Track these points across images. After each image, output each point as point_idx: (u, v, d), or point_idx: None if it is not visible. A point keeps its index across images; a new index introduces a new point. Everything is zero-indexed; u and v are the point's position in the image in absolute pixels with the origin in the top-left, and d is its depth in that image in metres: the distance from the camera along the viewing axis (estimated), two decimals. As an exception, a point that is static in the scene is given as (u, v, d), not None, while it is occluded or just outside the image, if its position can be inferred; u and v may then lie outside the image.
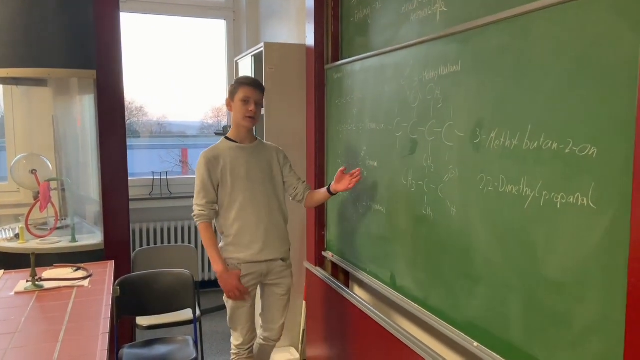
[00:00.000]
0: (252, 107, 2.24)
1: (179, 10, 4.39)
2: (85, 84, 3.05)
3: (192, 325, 2.69)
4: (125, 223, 2.97)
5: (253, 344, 2.44)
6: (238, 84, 2.28)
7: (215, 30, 4.63)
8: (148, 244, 4.15)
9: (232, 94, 2.29)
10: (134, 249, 3.43)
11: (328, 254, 2.76)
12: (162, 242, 4.21)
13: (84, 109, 3.28)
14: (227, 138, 2.35)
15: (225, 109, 4.42)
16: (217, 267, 2.26)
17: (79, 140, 3.42)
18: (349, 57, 2.49)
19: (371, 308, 2.31)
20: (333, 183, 2.33)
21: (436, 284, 1.83)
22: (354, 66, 2.41)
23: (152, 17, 4.38)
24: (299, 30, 3.27)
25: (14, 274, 2.34)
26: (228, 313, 2.36)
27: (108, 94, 2.86)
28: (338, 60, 2.63)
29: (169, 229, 4.26)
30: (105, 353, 1.57)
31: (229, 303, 2.34)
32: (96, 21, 2.80)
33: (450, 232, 1.72)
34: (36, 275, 2.16)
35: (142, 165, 4.72)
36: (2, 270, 2.36)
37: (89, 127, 3.25)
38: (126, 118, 3.05)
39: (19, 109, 3.82)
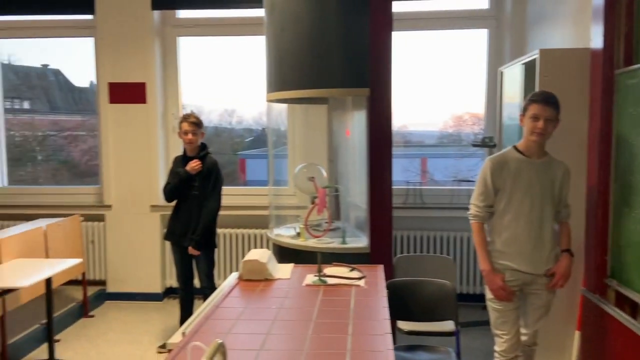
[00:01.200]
0: (540, 124, 2.30)
1: (441, 24, 4.49)
2: (358, 100, 3.34)
3: (449, 337, 2.70)
4: (389, 230, 3.15)
5: (516, 355, 2.40)
6: (529, 101, 2.36)
7: (468, 40, 4.58)
8: (401, 252, 4.32)
9: (524, 110, 2.37)
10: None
11: (612, 282, 2.45)
12: (415, 251, 4.33)
13: (354, 123, 3.59)
14: (515, 148, 2.43)
15: (466, 117, 4.36)
16: (484, 266, 2.43)
17: (348, 151, 3.76)
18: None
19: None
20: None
21: None
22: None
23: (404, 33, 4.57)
24: (576, 33, 3.00)
25: (301, 268, 2.69)
26: (492, 318, 2.48)
27: (378, 109, 3.08)
28: (632, 63, 2.32)
29: (421, 238, 4.36)
30: (391, 353, 1.67)
31: (493, 306, 2.42)
32: (371, 42, 3.04)
33: None
34: (321, 272, 2.44)
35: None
36: (292, 264, 2.73)
37: (357, 140, 3.55)
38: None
39: (298, 124, 4.41)
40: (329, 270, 2.57)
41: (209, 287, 3.71)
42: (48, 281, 3.50)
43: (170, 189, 3.68)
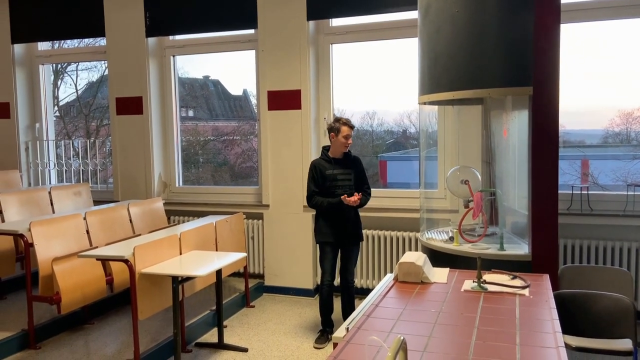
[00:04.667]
0: None
1: (609, 13, 4.07)
2: (519, 99, 3.17)
3: (625, 357, 2.43)
4: (554, 238, 2.94)
5: None
6: None
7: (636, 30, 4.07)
8: (565, 262, 4.00)
9: None
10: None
11: None
12: (580, 261, 3.97)
13: (513, 124, 3.42)
14: None
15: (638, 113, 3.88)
16: None
17: (506, 153, 3.58)
18: None
19: None
20: None
21: None
22: None
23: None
24: None
25: (457, 273, 2.63)
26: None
27: (543, 108, 2.89)
28: None
29: (588, 248, 3.99)
30: (567, 368, 1.57)
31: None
32: (536, 37, 2.87)
33: None
34: (481, 278, 2.37)
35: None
36: (448, 269, 2.68)
37: (517, 141, 3.37)
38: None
39: (450, 125, 4.31)
40: (488, 277, 2.48)
41: (352, 281, 4.02)
42: (219, 272, 3.88)
43: (324, 209, 3.89)
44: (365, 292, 4.53)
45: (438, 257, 3.26)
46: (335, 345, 1.85)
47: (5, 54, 6.02)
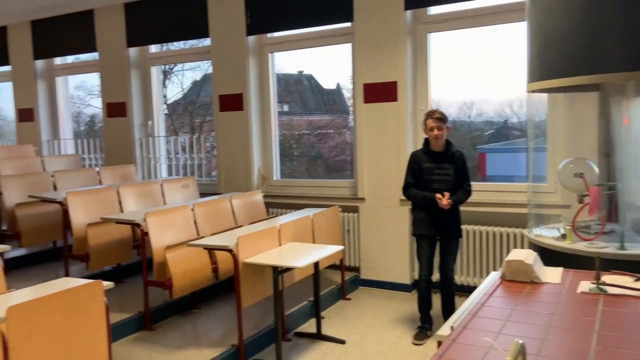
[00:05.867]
0: None
1: None
2: (642, 84, 2.88)
3: None
4: (686, 237, 2.63)
5: None
6: None
7: None
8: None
9: None
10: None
11: None
12: None
13: (636, 112, 3.11)
14: None
15: None
16: None
17: (627, 144, 3.27)
18: None
19: None
20: None
21: None
22: None
23: None
24: None
25: (572, 273, 2.45)
26: None
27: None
28: None
29: None
30: None
31: None
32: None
33: None
34: (600, 279, 2.18)
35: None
36: (562, 268, 2.50)
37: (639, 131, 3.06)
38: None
39: (561, 114, 4.01)
40: (608, 278, 2.27)
41: (452, 277, 3.91)
42: (316, 264, 3.94)
43: (418, 202, 3.82)
44: (465, 289, 4.37)
45: (547, 256, 3.04)
46: (439, 343, 1.80)
47: (122, 57, 6.54)
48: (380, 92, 4.91)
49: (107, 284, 2.72)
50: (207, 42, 6.07)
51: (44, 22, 7.17)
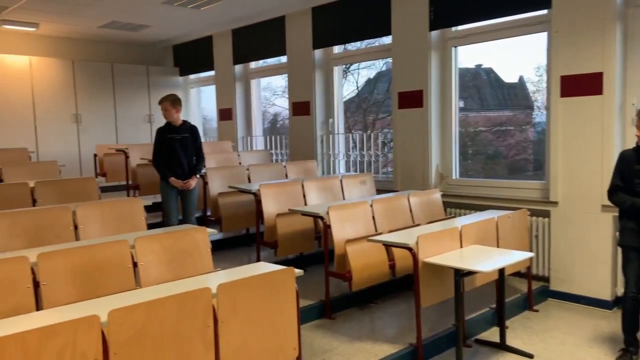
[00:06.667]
0: None
1: None
2: None
3: None
4: None
5: None
6: None
7: None
8: None
9: None
10: None
11: None
12: None
13: None
14: None
15: None
16: None
17: None
18: None
19: None
20: None
21: None
22: None
23: None
24: None
25: None
26: None
27: None
28: None
29: None
30: None
31: None
32: None
33: None
34: None
35: None
36: None
37: None
38: None
39: None
40: None
41: None
42: (502, 270, 3.70)
43: (626, 209, 3.33)
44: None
45: None
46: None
47: (308, 59, 6.94)
48: (581, 85, 4.41)
49: (298, 272, 2.88)
50: (385, 40, 6.12)
51: (242, 30, 7.96)
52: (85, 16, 7.28)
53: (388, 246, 4.13)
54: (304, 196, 5.29)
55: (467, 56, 5.73)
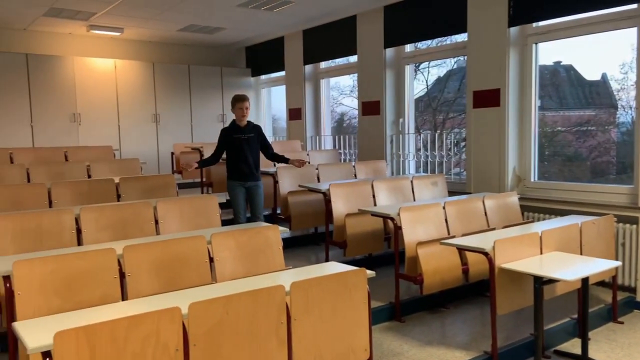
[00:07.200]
0: None
1: None
2: None
3: None
4: None
5: None
6: None
7: None
8: None
9: None
10: None
11: None
12: None
13: None
14: None
15: None
16: None
17: None
18: None
19: None
20: None
21: None
22: None
23: None
24: None
25: None
26: None
27: None
28: None
29: None
30: None
31: None
32: None
33: None
34: None
35: None
36: None
37: None
38: None
39: None
40: None
41: None
42: (585, 279, 3.49)
43: None
44: None
45: None
46: None
47: (379, 58, 6.88)
48: (676, 82, 4.07)
49: (369, 273, 2.86)
50: (458, 37, 5.94)
51: (313, 31, 8.03)
52: (166, 20, 7.63)
53: (462, 250, 4.02)
54: (374, 196, 5.25)
55: (545, 53, 5.45)
